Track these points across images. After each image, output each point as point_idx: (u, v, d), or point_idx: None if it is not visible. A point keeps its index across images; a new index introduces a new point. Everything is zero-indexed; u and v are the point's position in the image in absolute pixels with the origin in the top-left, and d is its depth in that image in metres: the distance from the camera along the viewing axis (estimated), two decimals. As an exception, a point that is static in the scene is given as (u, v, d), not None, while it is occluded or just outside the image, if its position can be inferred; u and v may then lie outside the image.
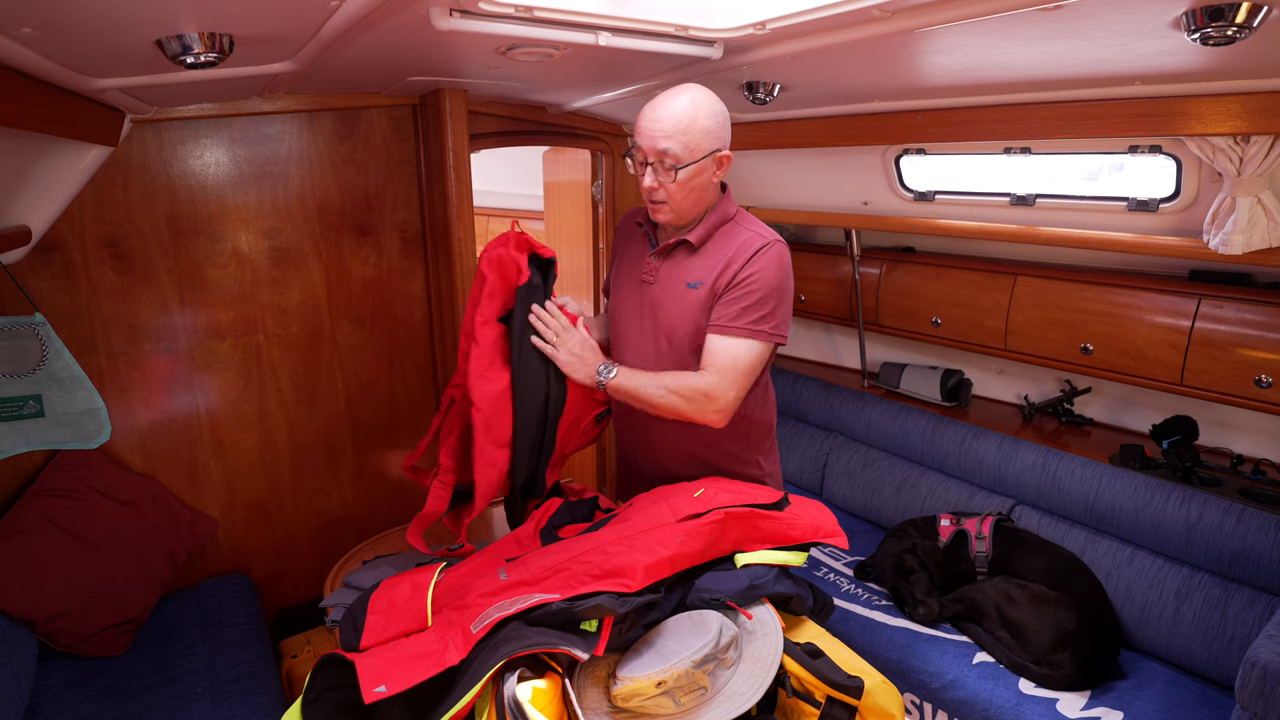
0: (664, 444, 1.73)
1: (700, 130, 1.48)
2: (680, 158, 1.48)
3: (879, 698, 1.23)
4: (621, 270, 1.77)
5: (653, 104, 1.50)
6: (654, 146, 1.49)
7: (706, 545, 1.38)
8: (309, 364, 2.51)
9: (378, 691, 1.10)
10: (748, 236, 1.58)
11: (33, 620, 1.81)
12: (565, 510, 1.76)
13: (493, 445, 1.61)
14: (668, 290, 1.63)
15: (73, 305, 2.10)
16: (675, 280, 1.63)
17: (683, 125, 1.47)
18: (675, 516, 1.43)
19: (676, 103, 1.48)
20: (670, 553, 1.32)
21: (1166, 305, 2.17)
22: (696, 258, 1.61)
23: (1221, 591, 2.01)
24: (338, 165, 2.42)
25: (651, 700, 1.16)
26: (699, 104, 1.49)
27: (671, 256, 1.65)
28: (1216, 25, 1.05)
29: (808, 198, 2.99)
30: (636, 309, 1.70)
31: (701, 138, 1.49)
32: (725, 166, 1.57)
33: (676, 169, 1.49)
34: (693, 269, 1.61)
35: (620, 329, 1.75)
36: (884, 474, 2.88)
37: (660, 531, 1.39)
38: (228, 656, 1.98)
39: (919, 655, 2.14)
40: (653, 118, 1.49)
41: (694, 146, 1.48)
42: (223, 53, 1.27)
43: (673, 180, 1.50)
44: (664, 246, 1.65)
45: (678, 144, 1.47)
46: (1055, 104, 1.78)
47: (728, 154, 1.55)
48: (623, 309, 1.74)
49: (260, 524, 2.50)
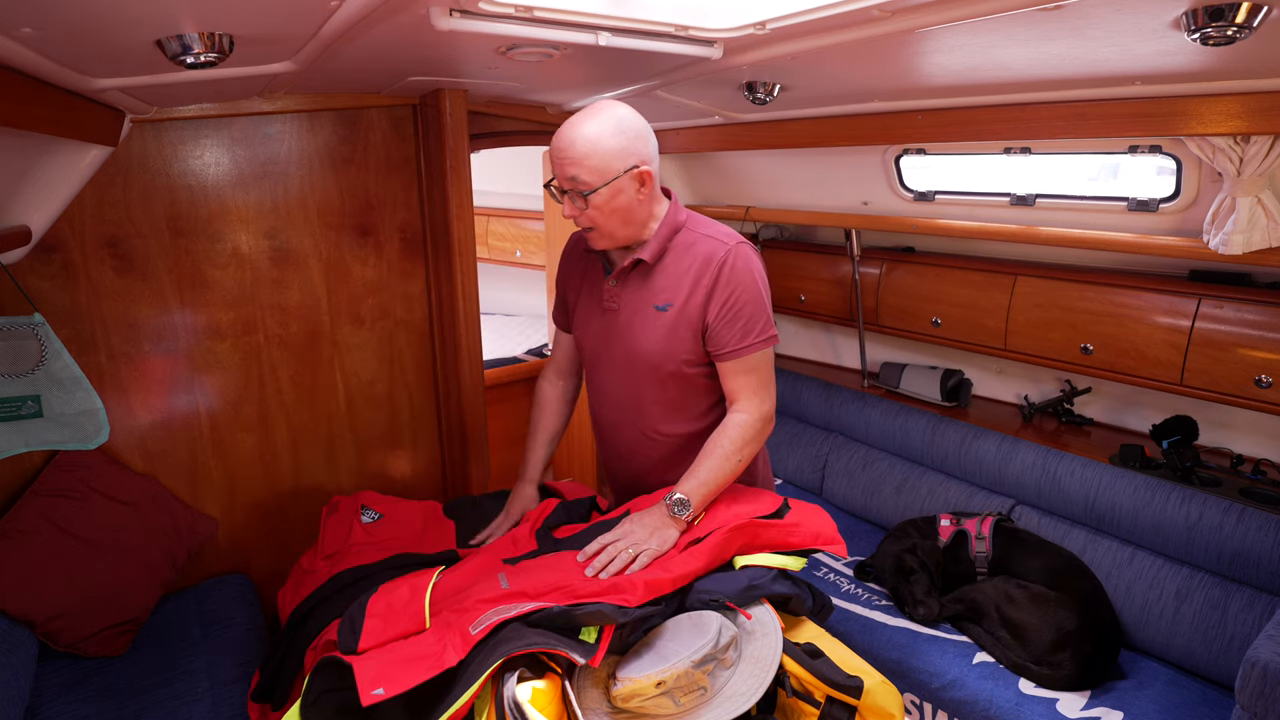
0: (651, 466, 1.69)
1: (607, 151, 1.43)
2: (588, 183, 1.44)
3: (879, 698, 1.23)
4: (581, 298, 1.72)
5: (561, 129, 1.46)
6: (564, 173, 1.45)
7: (709, 562, 1.39)
8: (309, 364, 2.50)
9: (375, 694, 1.10)
10: (708, 246, 1.54)
11: (33, 620, 1.81)
12: (562, 510, 1.76)
13: None
14: (635, 316, 1.58)
15: (72, 305, 2.10)
16: (640, 305, 1.58)
17: (586, 149, 1.42)
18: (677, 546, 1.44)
19: (583, 127, 1.44)
20: (672, 575, 1.33)
21: (1166, 305, 2.17)
22: (657, 276, 1.56)
23: (1221, 591, 2.01)
24: (338, 165, 2.42)
25: (651, 700, 1.16)
26: (605, 123, 1.44)
27: (629, 280, 1.60)
28: (1216, 25, 1.05)
29: (808, 198, 2.99)
30: (604, 338, 1.65)
31: (610, 159, 1.43)
32: (649, 183, 1.50)
33: (585, 194, 1.45)
34: (656, 289, 1.56)
35: (590, 360, 1.72)
36: (884, 474, 2.88)
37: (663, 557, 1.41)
38: (228, 656, 1.98)
39: (919, 655, 2.14)
40: (558, 145, 1.45)
41: (602, 169, 1.43)
42: (223, 53, 1.27)
43: (586, 206, 1.47)
44: (620, 270, 1.59)
45: (584, 169, 1.43)
46: (1055, 104, 1.77)
47: (647, 169, 1.48)
48: (588, 339, 1.70)
49: (260, 524, 2.50)
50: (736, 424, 1.53)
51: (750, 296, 1.51)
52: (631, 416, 1.66)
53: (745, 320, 1.51)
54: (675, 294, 1.54)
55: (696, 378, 1.60)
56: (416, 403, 2.75)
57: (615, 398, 1.67)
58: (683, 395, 1.61)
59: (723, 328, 1.51)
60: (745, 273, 1.52)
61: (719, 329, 1.52)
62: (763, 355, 1.54)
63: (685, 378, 1.59)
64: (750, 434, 1.53)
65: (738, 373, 1.54)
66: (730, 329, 1.51)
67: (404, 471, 2.78)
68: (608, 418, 1.73)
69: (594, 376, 1.73)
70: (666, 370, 1.57)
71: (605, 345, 1.65)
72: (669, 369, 1.57)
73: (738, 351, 1.52)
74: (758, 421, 1.54)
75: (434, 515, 1.92)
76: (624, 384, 1.64)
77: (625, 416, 1.68)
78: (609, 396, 1.69)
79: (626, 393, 1.64)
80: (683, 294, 1.53)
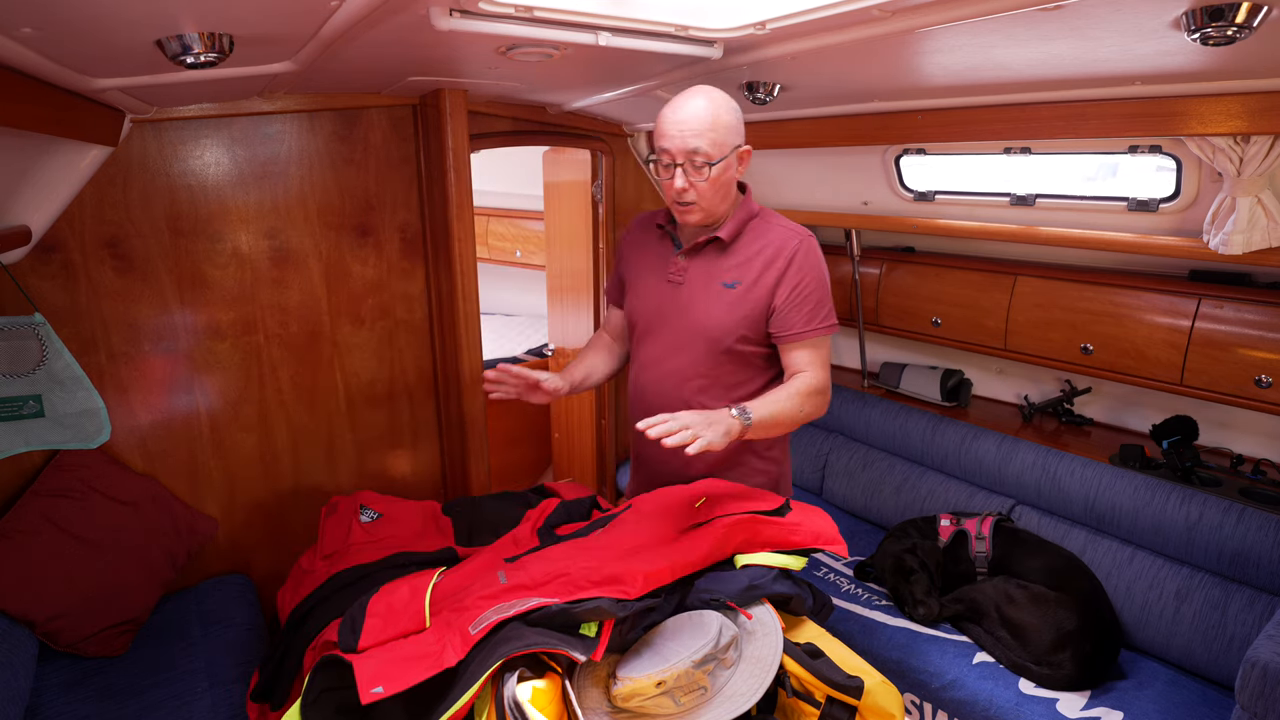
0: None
1: (724, 126, 1.53)
2: (710, 155, 1.52)
3: (879, 698, 1.23)
4: (642, 273, 1.78)
5: (673, 106, 1.54)
6: (683, 147, 1.52)
7: (708, 554, 1.38)
8: (309, 364, 2.50)
9: (375, 692, 1.10)
10: (780, 234, 1.64)
11: (33, 620, 1.81)
12: (563, 510, 1.76)
13: None
14: (701, 290, 1.66)
15: (73, 305, 2.10)
16: (708, 279, 1.65)
17: (708, 123, 1.51)
18: (676, 529, 1.44)
19: (697, 102, 1.52)
20: (670, 563, 1.33)
21: (1166, 305, 2.17)
22: (728, 256, 1.65)
23: (1221, 591, 2.01)
24: (338, 165, 2.42)
25: (651, 700, 1.16)
26: (718, 102, 1.54)
27: (700, 255, 1.67)
28: (1216, 25, 1.05)
29: (808, 198, 2.99)
30: (663, 309, 1.71)
31: (726, 134, 1.53)
32: (746, 161, 1.62)
33: (710, 165, 1.52)
34: (726, 267, 1.64)
35: (647, 332, 1.75)
36: (884, 474, 2.88)
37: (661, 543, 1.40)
38: (227, 656, 1.98)
39: (919, 655, 2.14)
40: (677, 119, 1.52)
41: (720, 143, 1.52)
42: (223, 53, 1.27)
43: (704, 179, 1.53)
44: (693, 245, 1.67)
45: (706, 141, 1.51)
46: (1055, 104, 1.78)
47: (748, 149, 1.60)
48: (649, 312, 1.74)
49: (260, 524, 2.50)
50: (803, 379, 1.60)
51: (818, 284, 1.62)
52: (675, 386, 1.70)
53: (812, 306, 1.61)
54: (744, 273, 1.62)
55: (750, 355, 1.67)
56: (416, 403, 2.75)
57: (662, 368, 1.71)
58: (731, 370, 1.67)
59: (791, 310, 1.60)
60: (816, 262, 1.63)
61: (787, 311, 1.60)
62: (824, 340, 1.64)
63: (739, 354, 1.65)
64: (813, 391, 1.59)
65: (802, 352, 1.62)
66: (798, 312, 1.60)
67: (404, 471, 2.78)
68: (651, 386, 1.74)
69: (643, 347, 1.77)
70: (723, 344, 1.64)
71: (663, 315, 1.71)
72: (726, 344, 1.64)
73: (802, 335, 1.61)
74: (820, 388, 1.61)
75: (433, 515, 1.92)
76: (675, 353, 1.69)
77: (668, 386, 1.71)
78: (656, 366, 1.73)
79: (676, 362, 1.69)
80: (752, 275, 1.62)
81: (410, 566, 1.65)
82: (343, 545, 1.78)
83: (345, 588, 1.61)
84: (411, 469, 2.79)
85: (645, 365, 1.76)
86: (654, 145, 1.57)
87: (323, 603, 1.59)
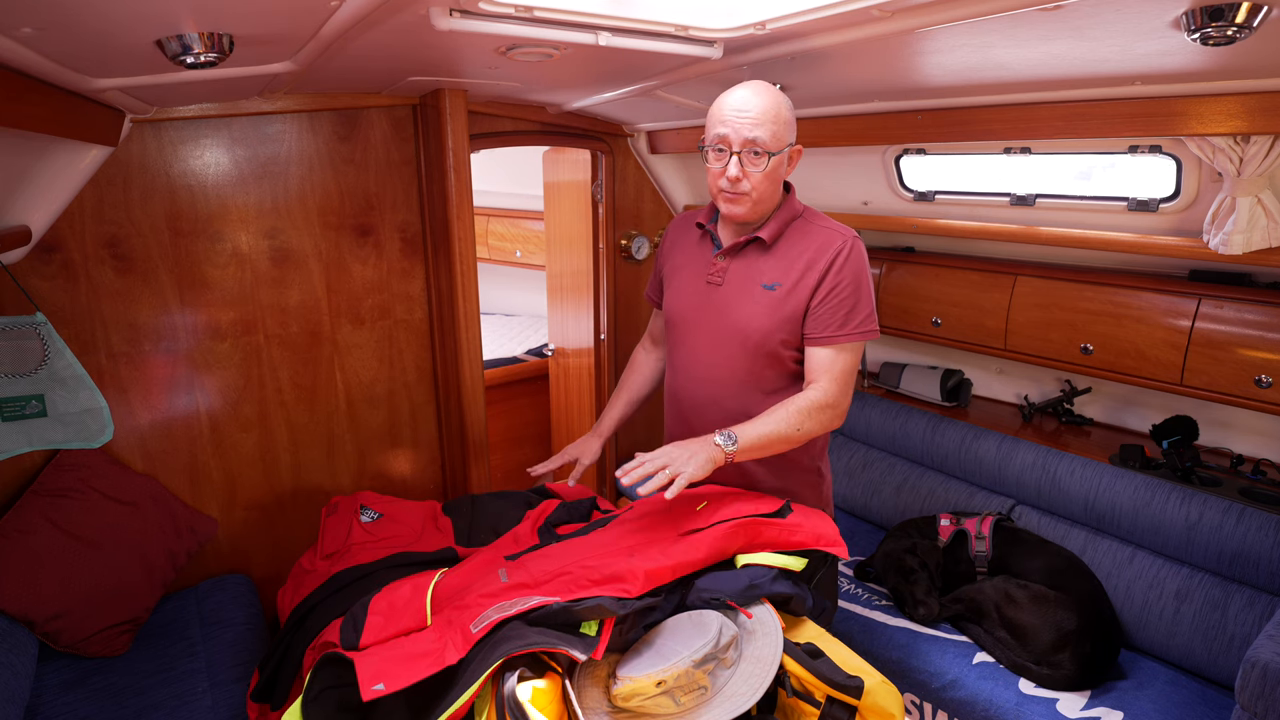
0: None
1: (784, 121, 1.49)
2: (770, 145, 1.48)
3: (879, 698, 1.23)
4: (681, 273, 1.72)
5: (734, 94, 1.50)
6: (742, 135, 1.47)
7: (709, 555, 1.38)
8: (309, 364, 2.51)
9: (376, 689, 1.10)
10: (824, 235, 1.57)
11: (33, 620, 1.81)
12: (563, 509, 1.76)
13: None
14: (740, 291, 1.60)
15: (73, 305, 2.10)
16: (748, 281, 1.60)
17: (770, 114, 1.47)
18: (677, 531, 1.44)
19: (759, 92, 1.49)
20: (672, 562, 1.33)
21: (1166, 305, 2.17)
22: (770, 257, 1.59)
23: (1221, 591, 2.01)
24: (338, 165, 2.42)
25: (651, 700, 1.16)
26: (779, 97, 1.50)
27: (741, 256, 1.62)
28: (1216, 25, 1.05)
29: (808, 198, 2.95)
30: (700, 309, 1.66)
31: (784, 129, 1.50)
32: (795, 162, 1.58)
33: (770, 155, 1.48)
34: (767, 269, 1.58)
35: (684, 334, 1.70)
36: (884, 474, 2.88)
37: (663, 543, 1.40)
38: (228, 656, 1.98)
39: (919, 655, 2.14)
40: (739, 107, 1.48)
41: (779, 136, 1.49)
42: (223, 53, 1.27)
43: (760, 169, 1.49)
44: (733, 245, 1.61)
45: (766, 132, 1.47)
46: (1055, 104, 1.78)
47: (799, 148, 1.56)
48: (686, 313, 1.69)
49: (260, 524, 2.50)
50: (806, 395, 1.52)
51: (855, 288, 1.54)
52: (709, 388, 1.66)
53: (848, 309, 1.53)
54: (785, 275, 1.56)
55: (789, 359, 1.60)
56: (416, 403, 2.75)
57: (697, 368, 1.67)
58: (770, 375, 1.62)
59: (825, 312, 1.53)
60: (860, 265, 1.56)
61: (821, 312, 1.53)
62: (853, 349, 1.55)
63: (778, 357, 1.59)
64: (815, 408, 1.50)
65: (821, 359, 1.54)
66: (833, 315, 1.53)
67: (404, 471, 2.78)
68: (684, 387, 1.72)
69: (680, 347, 1.72)
70: (761, 347, 1.58)
71: (700, 316, 1.66)
72: (765, 346, 1.58)
73: (832, 339, 1.54)
74: (829, 403, 1.52)
75: (433, 515, 1.93)
76: (711, 353, 1.64)
77: (703, 388, 1.67)
78: (691, 366, 1.69)
79: (711, 362, 1.65)
80: (793, 277, 1.55)
81: (410, 567, 1.65)
82: (343, 545, 1.78)
83: (345, 588, 1.61)
84: (411, 469, 2.79)
85: (681, 368, 1.72)
86: (706, 132, 1.52)
87: (323, 602, 1.60)
